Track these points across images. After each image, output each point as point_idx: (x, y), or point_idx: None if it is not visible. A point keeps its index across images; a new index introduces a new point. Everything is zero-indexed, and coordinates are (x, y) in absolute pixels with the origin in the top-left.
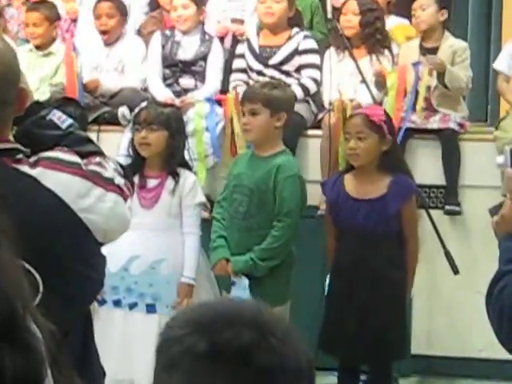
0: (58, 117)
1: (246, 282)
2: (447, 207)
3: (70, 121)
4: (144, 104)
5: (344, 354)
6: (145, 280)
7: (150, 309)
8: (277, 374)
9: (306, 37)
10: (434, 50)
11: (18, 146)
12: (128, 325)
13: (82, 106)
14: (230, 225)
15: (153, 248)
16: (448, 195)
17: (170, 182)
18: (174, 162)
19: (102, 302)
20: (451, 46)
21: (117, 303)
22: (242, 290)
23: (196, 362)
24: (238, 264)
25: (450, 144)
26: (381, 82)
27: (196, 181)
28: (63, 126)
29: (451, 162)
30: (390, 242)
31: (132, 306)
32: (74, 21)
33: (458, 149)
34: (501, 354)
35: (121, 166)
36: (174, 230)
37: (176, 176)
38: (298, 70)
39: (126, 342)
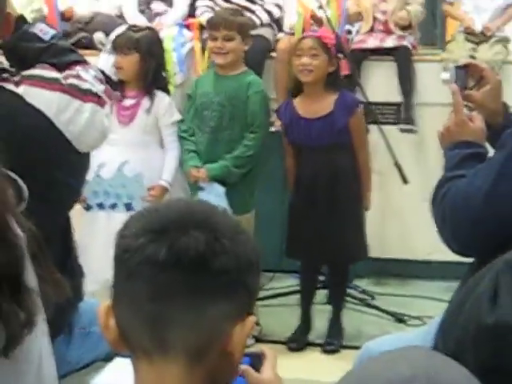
0: (40, 29)
1: (221, 189)
2: (402, 126)
3: (52, 32)
4: (120, 30)
5: (307, 258)
6: (117, 183)
7: (129, 207)
8: (232, 272)
9: None
10: None
11: (4, 66)
12: (111, 224)
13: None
14: (202, 139)
15: (116, 154)
16: (404, 112)
17: (145, 102)
18: (148, 82)
19: (89, 207)
20: None
21: (100, 206)
22: (216, 196)
23: (157, 270)
24: (213, 170)
25: (404, 61)
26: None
27: (171, 102)
28: (46, 38)
29: (406, 78)
30: (343, 154)
31: (113, 207)
32: None
33: (412, 66)
34: (446, 256)
35: (102, 72)
36: (149, 147)
37: (152, 96)
38: None
39: (110, 241)
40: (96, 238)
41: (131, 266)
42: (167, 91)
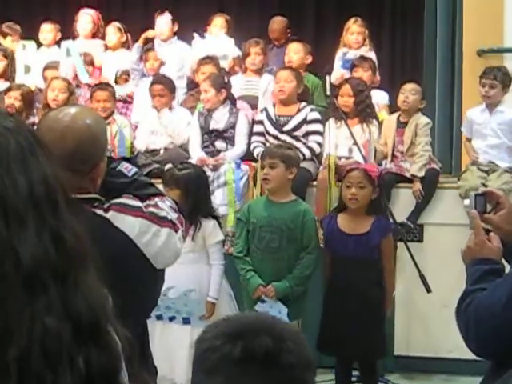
0: (125, 167)
1: (284, 309)
2: (405, 220)
3: (134, 169)
4: (168, 167)
5: (339, 355)
6: (180, 302)
7: (186, 321)
8: (295, 369)
9: (312, 110)
10: (405, 124)
11: (96, 196)
12: (166, 334)
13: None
14: (262, 258)
15: (183, 279)
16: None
17: (192, 228)
18: (188, 214)
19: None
20: (417, 119)
21: (159, 317)
22: (278, 313)
23: (233, 365)
24: (280, 290)
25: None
26: (376, 153)
27: (215, 223)
28: (129, 175)
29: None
30: (372, 267)
31: (171, 319)
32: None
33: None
34: (465, 354)
35: (175, 202)
36: (200, 263)
37: (196, 224)
38: (305, 135)
39: (165, 347)
40: (152, 344)
41: (211, 363)
42: (213, 216)
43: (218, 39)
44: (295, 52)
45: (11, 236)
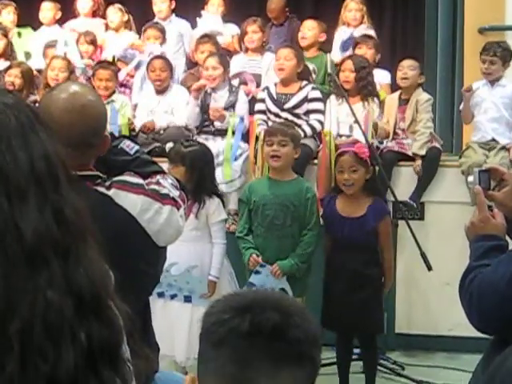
0: (127, 145)
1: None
2: (408, 200)
3: (136, 147)
4: (169, 145)
5: (338, 330)
6: (183, 279)
7: (187, 299)
8: (302, 344)
9: (313, 88)
10: (406, 101)
11: (98, 173)
12: (167, 311)
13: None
14: (266, 235)
15: (186, 256)
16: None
17: (195, 206)
18: (192, 191)
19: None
20: (417, 95)
21: (160, 294)
22: (276, 280)
23: (241, 338)
24: (286, 269)
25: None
26: (375, 131)
27: (219, 202)
28: (131, 152)
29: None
30: (368, 250)
31: (173, 297)
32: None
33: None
34: (466, 332)
35: (177, 180)
36: (202, 241)
37: (200, 202)
38: (307, 113)
39: (165, 325)
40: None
41: (218, 336)
42: (217, 195)
43: (214, 17)
44: (309, 29)
45: (13, 211)
